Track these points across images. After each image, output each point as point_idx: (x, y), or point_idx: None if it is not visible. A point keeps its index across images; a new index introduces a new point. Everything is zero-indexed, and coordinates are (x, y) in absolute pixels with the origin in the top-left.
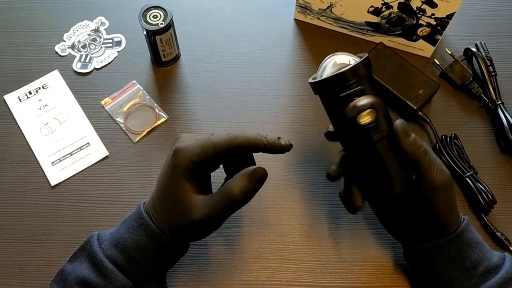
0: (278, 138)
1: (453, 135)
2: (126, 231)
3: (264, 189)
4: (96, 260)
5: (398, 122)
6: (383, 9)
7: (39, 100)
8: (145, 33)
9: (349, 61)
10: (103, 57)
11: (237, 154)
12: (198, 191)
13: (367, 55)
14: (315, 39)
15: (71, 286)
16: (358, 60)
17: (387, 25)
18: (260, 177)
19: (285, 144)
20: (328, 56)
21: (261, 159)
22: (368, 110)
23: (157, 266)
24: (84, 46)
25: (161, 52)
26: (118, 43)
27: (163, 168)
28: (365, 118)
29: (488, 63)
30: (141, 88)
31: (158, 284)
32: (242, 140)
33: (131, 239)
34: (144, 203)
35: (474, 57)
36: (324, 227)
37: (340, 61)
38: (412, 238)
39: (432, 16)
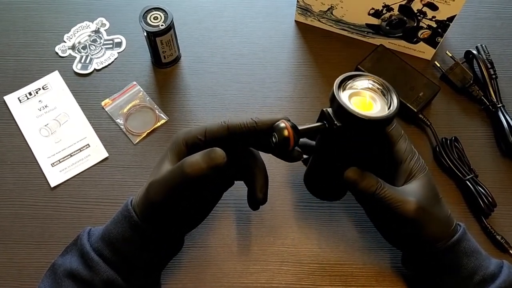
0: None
1: (453, 138)
2: (112, 224)
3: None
4: (84, 253)
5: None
6: (384, 11)
7: (39, 101)
8: (145, 34)
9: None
10: (103, 58)
11: (233, 142)
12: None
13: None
14: (316, 41)
15: (60, 278)
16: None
17: (387, 27)
18: (217, 159)
19: (276, 118)
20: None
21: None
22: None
23: (145, 260)
24: (84, 47)
25: (162, 53)
26: (119, 44)
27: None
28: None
29: (489, 66)
30: (141, 89)
31: (149, 281)
32: (234, 123)
33: (116, 231)
34: (132, 197)
35: (474, 60)
36: (324, 230)
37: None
38: (407, 248)
39: (433, 19)
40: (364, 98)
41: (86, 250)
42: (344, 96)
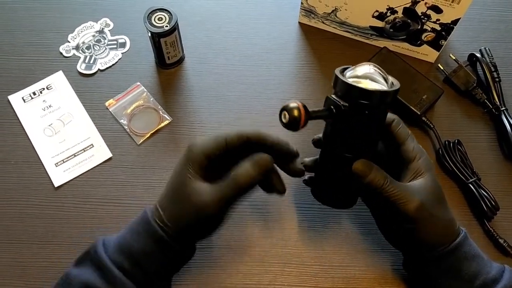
0: (287, 142)
1: (456, 141)
2: (131, 236)
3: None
4: (102, 266)
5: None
6: (388, 14)
7: (43, 101)
8: (150, 35)
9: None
10: (107, 58)
11: (249, 149)
12: (208, 183)
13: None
14: (319, 42)
15: None
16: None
17: (391, 30)
18: (264, 163)
19: (292, 149)
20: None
21: None
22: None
23: (163, 271)
24: (88, 47)
25: (166, 54)
26: (123, 45)
27: (174, 168)
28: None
29: (492, 69)
30: (145, 90)
31: (164, 286)
32: (253, 132)
33: (137, 244)
34: (150, 208)
35: (478, 63)
36: (327, 232)
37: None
38: (408, 249)
39: (437, 22)
40: (366, 82)
41: (106, 264)
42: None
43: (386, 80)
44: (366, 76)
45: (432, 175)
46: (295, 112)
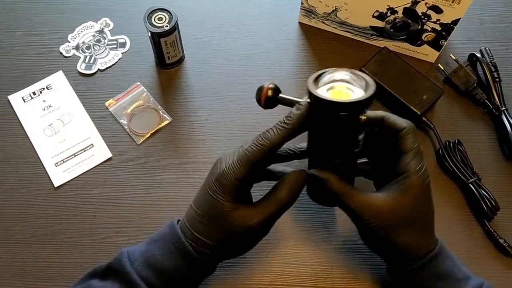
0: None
1: (456, 141)
2: (162, 254)
3: None
4: (131, 282)
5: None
6: (388, 14)
7: (43, 100)
8: (149, 35)
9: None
10: (107, 58)
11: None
12: (243, 204)
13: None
14: (320, 42)
15: None
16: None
17: (391, 30)
18: (303, 178)
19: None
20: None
21: None
22: None
23: (188, 285)
24: (88, 47)
25: (166, 54)
26: (123, 45)
27: (204, 187)
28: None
29: (493, 69)
30: (145, 90)
31: None
32: (274, 139)
33: (170, 263)
34: (178, 223)
35: (478, 63)
36: (327, 232)
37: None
38: (382, 257)
39: (437, 22)
40: (341, 91)
41: (135, 281)
42: (321, 90)
43: (363, 86)
44: (343, 80)
45: (411, 197)
46: (260, 93)
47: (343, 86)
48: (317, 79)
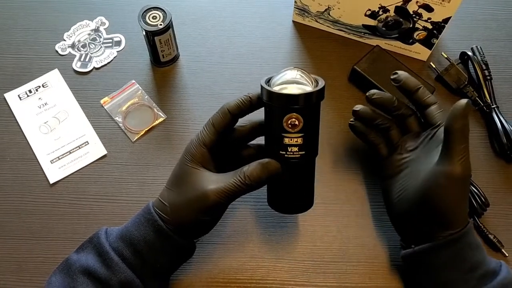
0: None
1: None
2: (133, 226)
3: (261, 189)
4: (102, 252)
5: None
6: (380, 12)
7: (39, 98)
8: (144, 33)
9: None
10: (102, 56)
11: (233, 123)
12: (211, 170)
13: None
14: (313, 41)
15: (75, 274)
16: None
17: (383, 29)
18: (273, 169)
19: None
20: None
21: None
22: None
23: (162, 263)
24: (84, 46)
25: (160, 52)
26: (118, 43)
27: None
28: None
29: (484, 67)
30: (140, 88)
31: (162, 284)
32: (232, 105)
33: (138, 233)
34: (152, 202)
35: (470, 61)
36: (319, 228)
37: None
38: (415, 233)
39: (429, 20)
40: (291, 87)
41: (106, 250)
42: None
43: (312, 83)
44: (293, 81)
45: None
46: None
47: (294, 86)
48: (268, 82)
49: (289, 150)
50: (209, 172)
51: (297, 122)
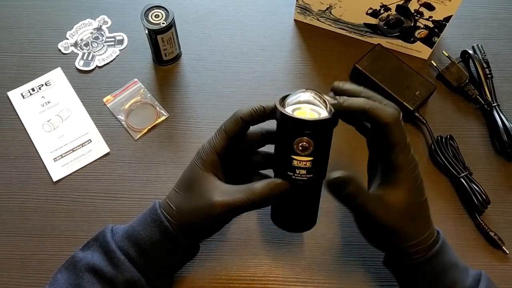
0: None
1: (448, 136)
2: (139, 225)
3: None
4: (108, 250)
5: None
6: (382, 11)
7: (42, 97)
8: (147, 32)
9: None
10: (105, 55)
11: (245, 131)
12: (220, 180)
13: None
14: (314, 39)
15: (80, 271)
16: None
17: (385, 27)
18: (281, 191)
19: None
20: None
21: None
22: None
23: (167, 263)
24: (86, 44)
25: (163, 51)
26: (120, 42)
27: (188, 166)
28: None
29: (485, 66)
30: (142, 86)
31: (166, 283)
32: (244, 113)
33: (144, 233)
34: (158, 201)
35: (470, 60)
36: (321, 225)
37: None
38: (386, 252)
39: (430, 19)
40: (305, 111)
41: (112, 248)
42: (287, 110)
43: (327, 106)
44: (308, 102)
45: (413, 173)
46: None
47: (308, 107)
48: (283, 100)
49: (297, 172)
50: (219, 182)
51: (307, 146)
